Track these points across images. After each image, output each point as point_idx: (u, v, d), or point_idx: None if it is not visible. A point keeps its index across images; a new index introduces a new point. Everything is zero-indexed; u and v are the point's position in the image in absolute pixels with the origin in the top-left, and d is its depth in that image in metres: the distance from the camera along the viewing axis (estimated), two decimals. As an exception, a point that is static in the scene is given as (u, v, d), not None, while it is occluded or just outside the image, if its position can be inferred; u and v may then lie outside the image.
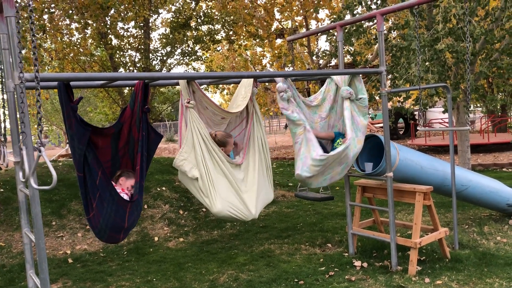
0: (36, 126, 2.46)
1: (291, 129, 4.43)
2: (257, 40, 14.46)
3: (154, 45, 12.47)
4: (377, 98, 9.88)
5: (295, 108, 4.35)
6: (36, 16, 9.55)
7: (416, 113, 21.95)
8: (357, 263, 4.83)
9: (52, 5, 9.81)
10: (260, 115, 4.16)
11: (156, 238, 6.45)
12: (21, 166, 2.47)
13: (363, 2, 8.67)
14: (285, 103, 4.31)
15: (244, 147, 4.07)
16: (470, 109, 4.70)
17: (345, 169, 4.55)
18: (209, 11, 12.63)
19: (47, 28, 10.17)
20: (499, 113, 16.63)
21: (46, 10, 9.74)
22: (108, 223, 3.14)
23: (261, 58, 19.61)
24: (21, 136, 2.50)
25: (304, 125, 4.34)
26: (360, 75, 4.64)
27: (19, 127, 2.48)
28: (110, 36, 11.09)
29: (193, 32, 12.31)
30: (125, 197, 3.27)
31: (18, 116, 2.65)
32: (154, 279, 4.85)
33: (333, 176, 4.50)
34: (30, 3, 2.44)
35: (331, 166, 4.40)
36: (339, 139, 4.65)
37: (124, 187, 3.36)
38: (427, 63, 7.37)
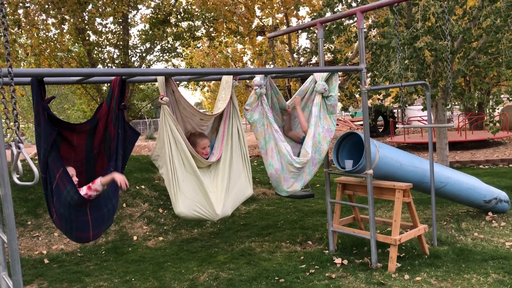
0: (11, 123, 2.38)
1: (253, 131, 4.40)
2: (238, 37, 14.41)
3: (133, 41, 12.31)
4: (357, 95, 9.93)
5: (259, 108, 4.31)
6: (11, 11, 9.31)
7: (395, 110, 22.23)
8: (338, 260, 4.84)
9: (28, 0, 9.58)
10: (237, 107, 4.10)
11: (135, 237, 6.35)
12: (15, 163, 2.38)
13: (343, 0, 8.70)
14: (254, 100, 4.28)
15: (220, 142, 4.00)
16: (450, 106, 4.75)
17: (315, 169, 4.54)
18: (189, 7, 12.52)
19: (23, 23, 9.93)
20: (476, 111, 16.93)
21: (21, 4, 9.50)
22: (72, 225, 3.07)
23: (242, 55, 19.57)
24: (16, 132, 2.40)
25: (264, 128, 4.31)
26: (337, 75, 4.64)
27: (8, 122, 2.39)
28: (88, 32, 10.90)
29: (173, 28, 12.19)
30: (85, 191, 3.16)
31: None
32: (133, 279, 4.78)
33: (305, 178, 4.49)
34: None
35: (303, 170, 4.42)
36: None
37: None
38: (406, 61, 7.43)
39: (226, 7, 12.50)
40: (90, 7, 10.12)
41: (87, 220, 3.11)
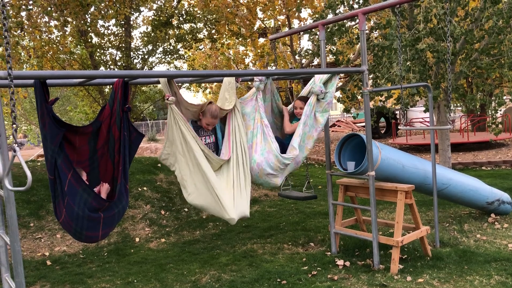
0: (12, 125, 2.37)
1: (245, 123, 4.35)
2: (240, 39, 14.43)
3: (135, 43, 12.35)
4: (359, 97, 9.93)
5: (253, 102, 4.31)
6: (14, 13, 9.35)
7: (397, 112, 22.23)
8: (340, 262, 4.83)
9: (30, 2, 9.61)
10: (239, 106, 4.10)
11: (137, 239, 6.36)
12: (9, 167, 2.38)
13: (345, 2, 8.71)
14: (249, 94, 4.30)
15: (227, 142, 4.01)
16: (451, 108, 4.74)
17: (296, 166, 4.51)
18: (191, 9, 12.55)
19: (25, 26, 9.97)
20: (478, 113, 16.90)
21: (23, 7, 9.54)
22: (83, 224, 3.07)
23: (244, 57, 19.59)
24: (13, 134, 2.40)
25: (255, 123, 4.29)
26: (339, 76, 4.65)
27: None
28: (90, 34, 10.93)
29: (175, 30, 12.22)
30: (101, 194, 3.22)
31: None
32: (135, 281, 4.78)
33: (285, 174, 4.48)
34: None
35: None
36: None
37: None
38: (408, 63, 7.43)
39: (228, 9, 12.53)
40: (92, 9, 10.15)
41: (99, 219, 3.12)
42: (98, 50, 11.30)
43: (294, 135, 4.41)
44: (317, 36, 9.37)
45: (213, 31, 12.75)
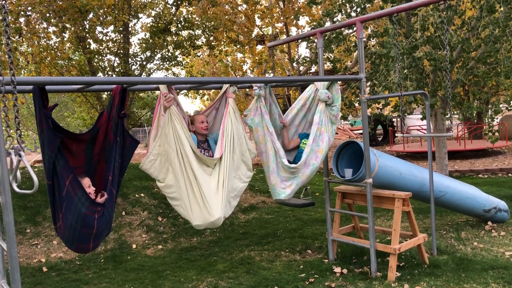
0: (12, 131, 2.38)
1: (254, 137, 4.45)
2: (238, 46, 14.47)
3: (133, 49, 12.36)
4: (356, 105, 9.96)
5: (258, 111, 4.35)
6: (12, 19, 9.36)
7: (394, 119, 22.28)
8: (337, 270, 4.83)
9: (29, 8, 9.62)
10: (235, 109, 4.09)
11: (134, 246, 6.34)
12: (12, 171, 2.39)
13: (343, 10, 8.76)
14: (253, 104, 4.34)
15: (220, 140, 4.00)
16: (448, 116, 4.77)
17: (311, 174, 4.53)
18: (189, 16, 12.59)
19: (24, 32, 9.98)
20: (475, 120, 16.97)
21: (22, 13, 9.55)
22: (74, 235, 3.07)
23: (242, 64, 19.62)
24: (18, 139, 2.42)
25: (264, 131, 4.35)
26: (338, 85, 4.67)
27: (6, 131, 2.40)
28: (88, 40, 10.94)
29: (173, 37, 12.24)
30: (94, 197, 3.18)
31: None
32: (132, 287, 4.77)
33: (303, 181, 4.50)
34: (5, 4, 2.36)
35: (300, 171, 4.45)
36: (304, 139, 4.71)
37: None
38: (405, 71, 7.46)
39: (226, 16, 12.56)
40: (91, 15, 10.17)
41: (91, 233, 3.12)
42: (96, 56, 11.30)
43: (306, 147, 4.45)
44: (315, 44, 9.41)
45: (211, 38, 12.78)
